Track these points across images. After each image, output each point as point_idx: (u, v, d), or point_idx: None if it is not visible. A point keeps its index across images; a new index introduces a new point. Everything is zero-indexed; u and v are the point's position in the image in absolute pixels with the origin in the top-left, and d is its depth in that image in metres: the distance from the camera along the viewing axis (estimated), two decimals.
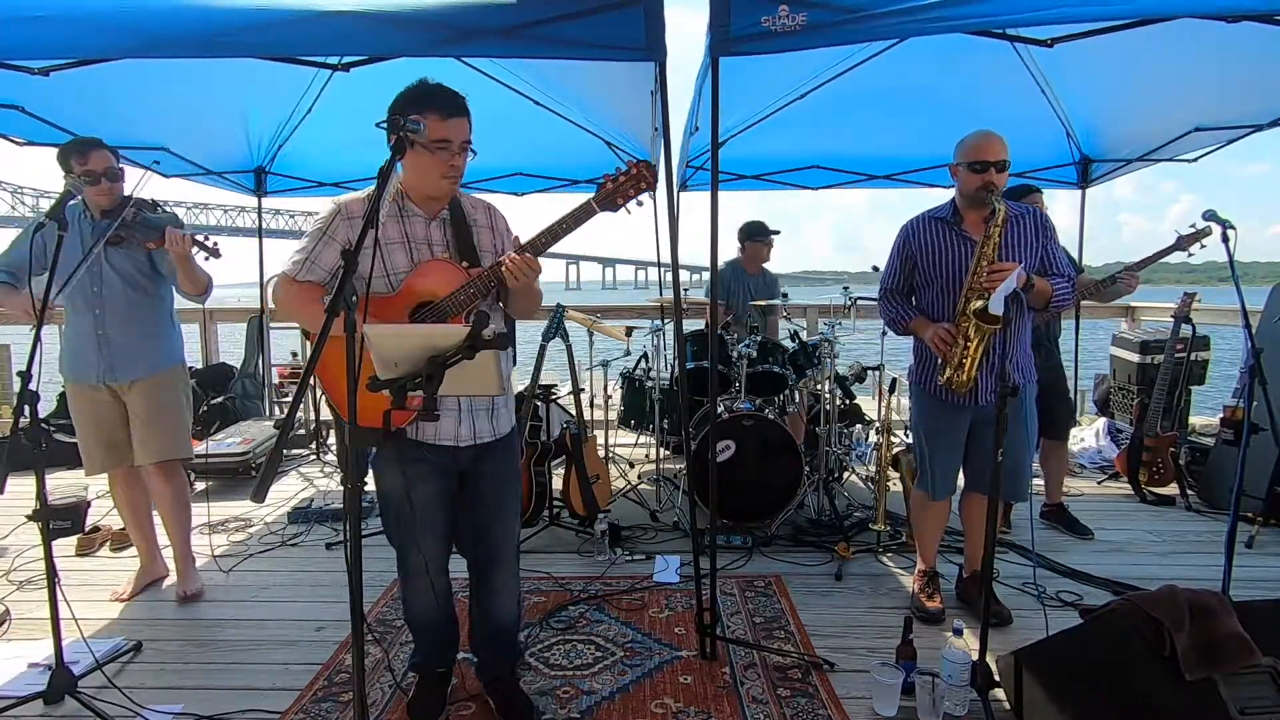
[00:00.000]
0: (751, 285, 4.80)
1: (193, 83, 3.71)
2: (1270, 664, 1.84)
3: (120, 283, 2.76)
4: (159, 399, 2.84)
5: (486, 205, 2.07)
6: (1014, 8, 1.99)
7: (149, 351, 2.83)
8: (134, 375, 2.80)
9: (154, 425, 2.83)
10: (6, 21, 1.99)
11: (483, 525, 2.09)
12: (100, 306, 2.74)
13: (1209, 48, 3.16)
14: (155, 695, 2.27)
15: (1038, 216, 2.61)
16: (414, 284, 1.88)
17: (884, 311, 2.81)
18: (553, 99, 4.22)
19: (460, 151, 1.85)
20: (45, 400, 2.16)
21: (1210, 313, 5.03)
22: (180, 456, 2.93)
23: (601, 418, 4.73)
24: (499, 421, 2.05)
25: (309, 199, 5.70)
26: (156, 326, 2.86)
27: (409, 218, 1.93)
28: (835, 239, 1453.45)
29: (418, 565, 2.00)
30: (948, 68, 3.86)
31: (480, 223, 2.01)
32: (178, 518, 2.99)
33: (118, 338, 2.76)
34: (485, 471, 2.04)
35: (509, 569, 2.14)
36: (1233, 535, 2.59)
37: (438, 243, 1.94)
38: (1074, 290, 2.62)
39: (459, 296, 1.85)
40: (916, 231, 2.67)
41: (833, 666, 2.43)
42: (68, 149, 2.68)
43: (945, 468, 2.73)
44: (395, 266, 1.90)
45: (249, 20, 1.99)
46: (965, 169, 2.53)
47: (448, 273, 1.88)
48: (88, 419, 2.82)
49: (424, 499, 1.97)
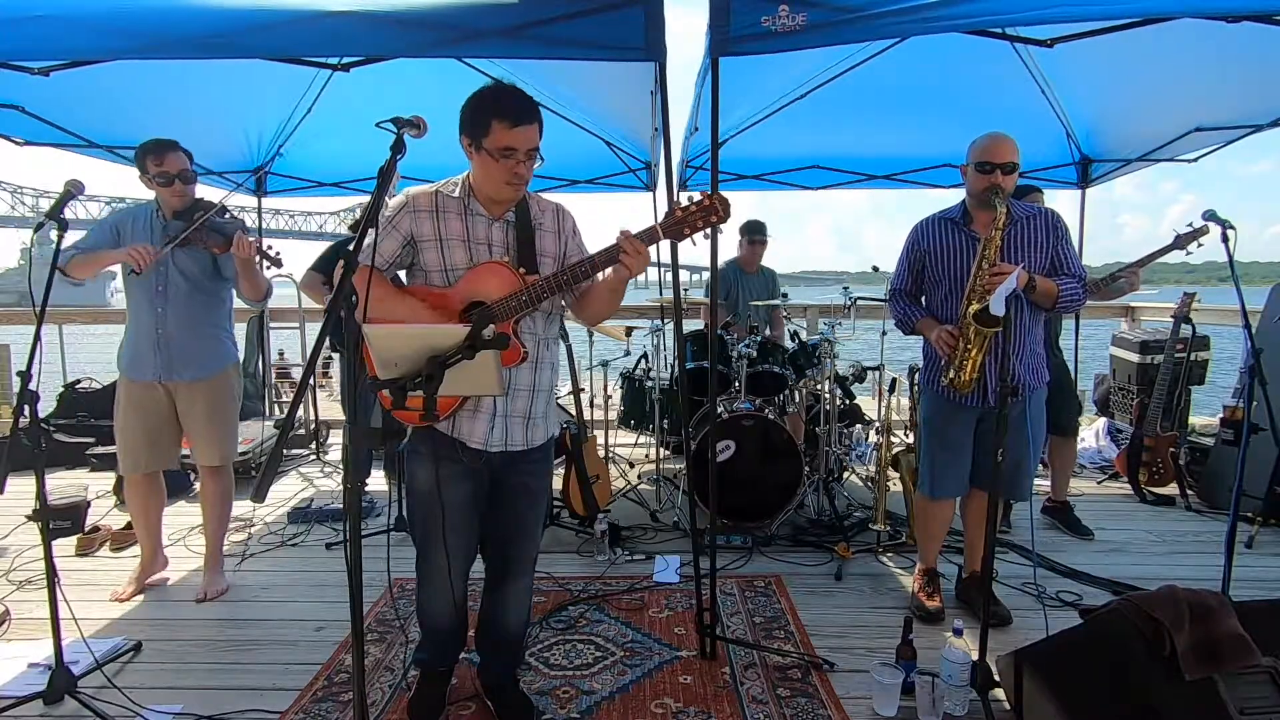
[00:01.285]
0: (752, 285, 4.81)
1: (193, 83, 3.71)
2: (1270, 664, 1.84)
3: (185, 283, 2.80)
4: (215, 401, 2.89)
5: (556, 208, 2.04)
6: (1014, 8, 1.99)
7: (207, 352, 2.86)
8: (191, 375, 2.83)
9: (213, 426, 2.88)
10: (6, 21, 1.99)
11: (503, 537, 2.09)
12: (163, 305, 2.78)
13: (1209, 48, 3.16)
14: (155, 695, 2.27)
15: (1049, 217, 2.60)
16: (470, 283, 1.88)
17: (893, 311, 2.82)
18: (553, 99, 4.21)
19: (526, 159, 1.83)
20: (45, 400, 2.16)
21: (1210, 313, 5.03)
22: (234, 459, 3.00)
23: (601, 418, 4.73)
24: (534, 432, 2.01)
25: (309, 199, 5.71)
26: (215, 328, 2.91)
27: (473, 216, 1.92)
28: (835, 239, 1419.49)
29: (439, 565, 1.97)
30: (948, 68, 3.86)
31: (546, 226, 1.99)
32: (220, 516, 3.04)
33: (177, 337, 2.79)
34: (513, 485, 2.03)
35: (522, 583, 2.14)
36: (1232, 535, 2.59)
37: (498, 244, 1.93)
38: (1085, 292, 2.62)
39: (510, 303, 1.83)
40: (926, 232, 2.68)
41: (833, 666, 2.43)
42: (145, 149, 2.73)
43: (952, 467, 2.72)
44: (454, 264, 1.91)
45: (249, 21, 1.99)
46: (974, 170, 2.54)
47: (503, 277, 1.87)
48: (137, 417, 2.84)
49: (454, 499, 1.96)
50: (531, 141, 1.82)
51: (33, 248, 3.73)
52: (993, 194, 2.46)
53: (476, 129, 1.82)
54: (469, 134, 1.84)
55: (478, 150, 1.83)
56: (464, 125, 1.84)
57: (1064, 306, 2.57)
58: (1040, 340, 2.68)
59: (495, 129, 1.78)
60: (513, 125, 1.79)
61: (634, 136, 4.65)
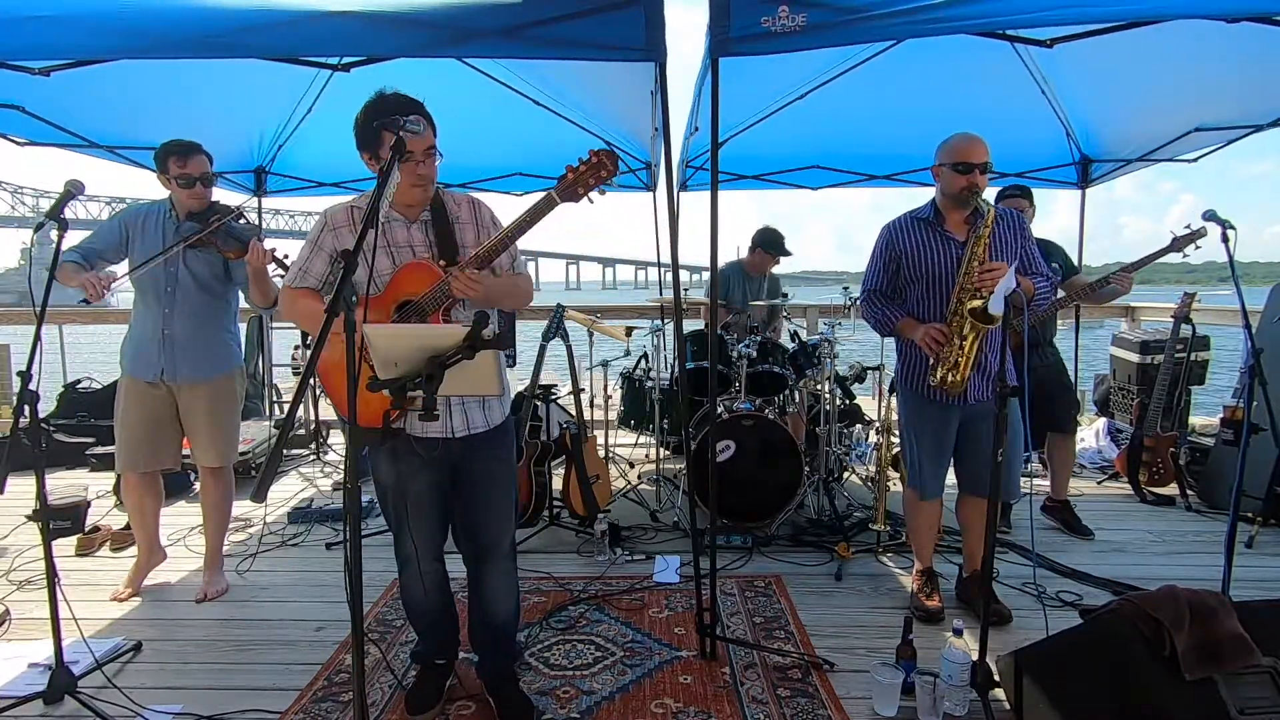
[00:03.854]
0: (752, 286, 4.81)
1: (193, 83, 3.71)
2: (1270, 664, 1.84)
3: (193, 284, 2.80)
4: (218, 403, 2.88)
5: (470, 200, 2.10)
6: (1014, 8, 1.99)
7: (211, 354, 2.86)
8: (194, 376, 2.83)
9: (214, 428, 2.88)
10: (6, 22, 1.99)
11: (473, 524, 2.12)
12: (170, 305, 2.78)
13: (1209, 48, 3.16)
14: (155, 695, 2.27)
15: (1015, 217, 2.66)
16: (396, 284, 1.94)
17: (868, 313, 2.80)
18: (553, 99, 4.22)
19: (425, 158, 1.89)
20: (45, 400, 2.16)
21: (1210, 313, 5.03)
22: (234, 461, 3.01)
23: (601, 418, 4.73)
24: (490, 412, 2.07)
25: (309, 199, 5.70)
26: (220, 331, 2.91)
27: (390, 224, 1.98)
28: (835, 239, 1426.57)
29: (409, 553, 2.06)
30: (948, 68, 3.86)
31: (463, 219, 2.05)
32: (221, 517, 3.05)
33: (181, 338, 2.80)
34: (476, 469, 2.07)
35: (501, 567, 2.15)
36: (1233, 535, 2.59)
37: (419, 244, 1.99)
38: (1053, 290, 2.69)
39: (434, 294, 1.88)
40: (899, 232, 2.69)
41: (833, 666, 2.43)
42: (169, 150, 2.73)
43: (934, 468, 2.74)
44: (379, 270, 1.96)
45: (249, 21, 1.99)
46: (949, 170, 2.56)
47: (424, 272, 1.92)
48: (138, 415, 2.83)
49: (416, 491, 2.03)
50: (427, 141, 1.87)
51: (33, 248, 3.74)
52: (972, 194, 2.51)
53: (369, 142, 1.88)
54: (366, 149, 1.91)
55: (376, 161, 1.89)
56: (358, 141, 1.91)
57: (1036, 305, 2.60)
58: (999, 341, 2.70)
59: (386, 139, 1.82)
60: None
61: (634, 136, 4.65)
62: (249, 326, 5.86)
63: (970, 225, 2.57)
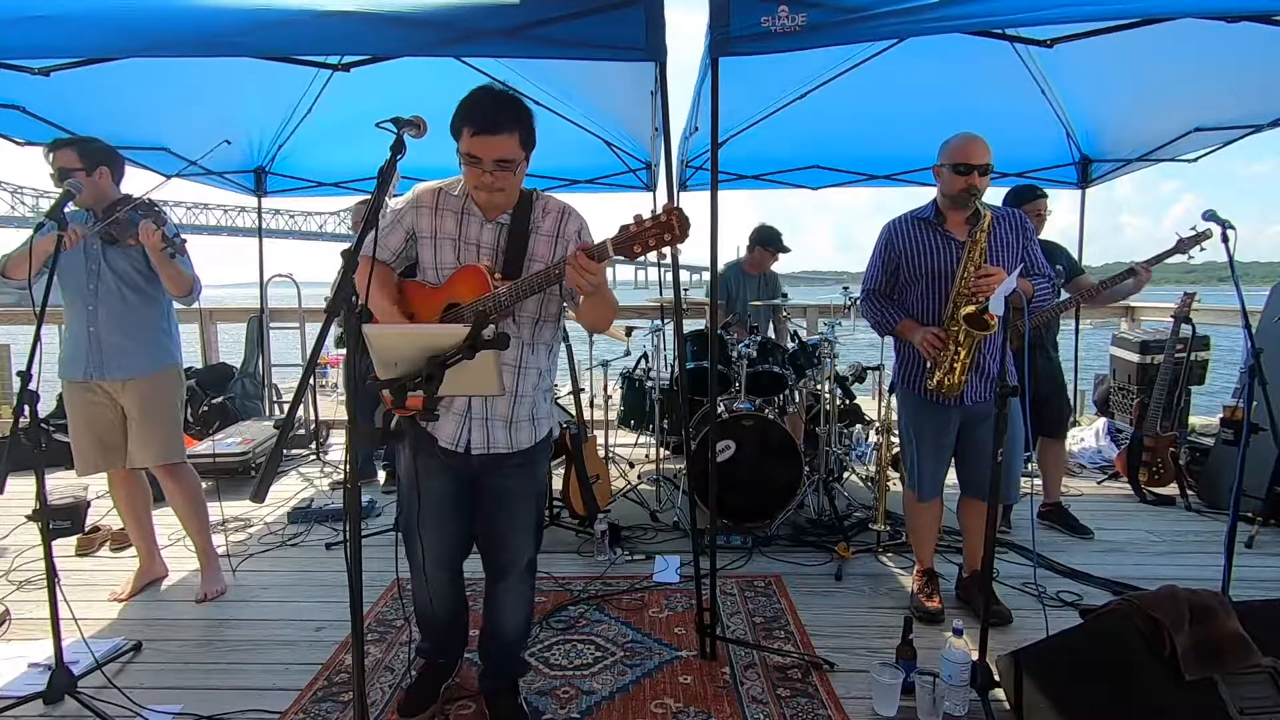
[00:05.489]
0: (752, 286, 4.80)
1: (193, 83, 3.71)
2: (1270, 664, 1.84)
3: (116, 282, 2.75)
4: (150, 401, 2.82)
5: (562, 210, 1.95)
6: (1014, 8, 1.99)
7: (139, 352, 2.80)
8: (125, 375, 2.78)
9: (146, 427, 2.82)
10: (6, 22, 1.99)
11: (487, 541, 2.09)
12: (94, 304, 2.73)
13: (1209, 48, 3.16)
14: (155, 695, 2.27)
15: (1018, 218, 2.65)
16: (452, 284, 1.87)
17: (868, 313, 2.79)
18: (553, 99, 4.22)
19: (495, 169, 1.77)
20: (45, 400, 2.16)
21: (1210, 313, 5.03)
22: (173, 460, 2.89)
23: (601, 418, 4.73)
24: (518, 434, 1.97)
25: (309, 199, 5.71)
26: (149, 329, 2.83)
27: (468, 217, 1.91)
28: (835, 239, 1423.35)
29: (417, 557, 2.03)
30: (948, 68, 3.86)
31: (543, 230, 1.92)
32: (192, 516, 2.99)
33: (107, 336, 2.75)
34: (492, 487, 2.00)
35: (514, 588, 2.12)
36: (1232, 535, 2.59)
37: (487, 246, 1.90)
38: (1054, 292, 2.66)
39: (476, 307, 1.79)
40: (900, 232, 2.69)
41: (833, 666, 2.43)
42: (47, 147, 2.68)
43: (934, 468, 2.74)
44: (444, 262, 1.90)
45: (249, 20, 1.99)
46: (949, 170, 2.56)
47: (476, 281, 1.82)
48: (79, 417, 2.81)
49: (431, 494, 1.98)
50: (497, 152, 1.75)
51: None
52: (971, 195, 2.51)
53: (454, 131, 1.80)
54: (453, 134, 1.81)
55: (457, 153, 1.81)
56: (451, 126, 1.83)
57: (1035, 306, 2.60)
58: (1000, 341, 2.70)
59: (464, 134, 1.76)
60: (475, 133, 1.75)
61: (634, 136, 4.66)
62: (249, 326, 5.86)
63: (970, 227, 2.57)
